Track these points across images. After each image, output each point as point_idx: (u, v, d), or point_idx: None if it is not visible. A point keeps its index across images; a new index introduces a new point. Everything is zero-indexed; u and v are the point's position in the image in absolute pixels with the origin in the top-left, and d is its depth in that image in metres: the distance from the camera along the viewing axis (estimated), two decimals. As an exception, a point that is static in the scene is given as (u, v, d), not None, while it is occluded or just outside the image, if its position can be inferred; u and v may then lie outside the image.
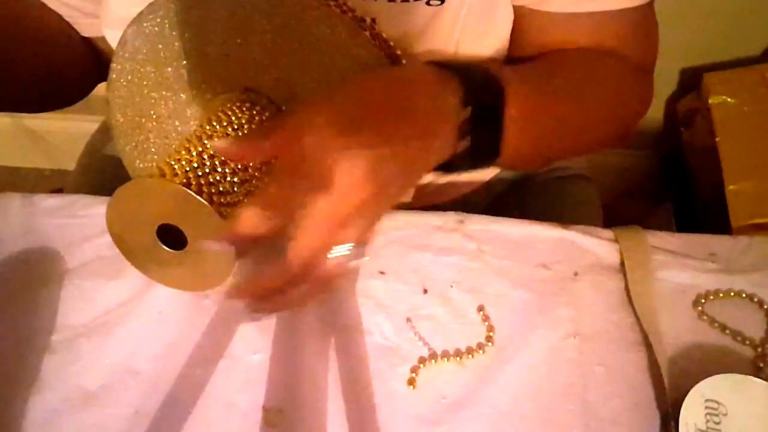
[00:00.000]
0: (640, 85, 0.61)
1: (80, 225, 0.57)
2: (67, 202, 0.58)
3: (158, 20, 0.52)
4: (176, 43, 0.52)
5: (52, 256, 0.56)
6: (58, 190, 0.75)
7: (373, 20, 0.51)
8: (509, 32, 0.58)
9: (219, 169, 0.47)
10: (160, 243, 0.47)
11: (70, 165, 0.82)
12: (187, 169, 0.47)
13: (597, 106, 0.57)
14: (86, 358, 0.52)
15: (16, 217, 0.58)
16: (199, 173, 0.46)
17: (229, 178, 0.47)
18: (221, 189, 0.46)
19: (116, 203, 0.46)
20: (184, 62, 0.53)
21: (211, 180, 0.46)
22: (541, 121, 0.52)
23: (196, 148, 0.48)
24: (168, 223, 0.46)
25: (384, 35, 0.51)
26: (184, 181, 0.45)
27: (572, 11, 0.54)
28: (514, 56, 0.61)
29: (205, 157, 0.48)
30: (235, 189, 0.47)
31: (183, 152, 0.48)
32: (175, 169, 0.47)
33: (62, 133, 1.34)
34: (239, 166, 0.48)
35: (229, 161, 0.47)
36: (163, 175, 0.45)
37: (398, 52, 0.52)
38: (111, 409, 0.50)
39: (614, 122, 0.60)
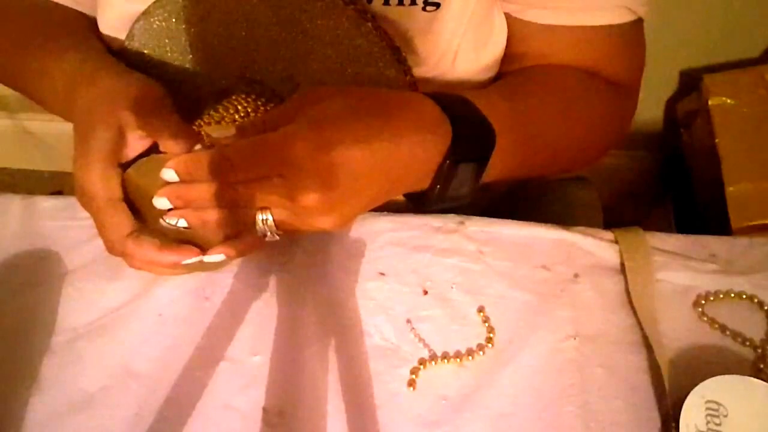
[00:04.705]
0: (621, 104, 0.61)
1: (80, 227, 0.56)
2: (66, 203, 0.58)
3: (166, 15, 0.52)
4: (183, 37, 0.53)
5: (52, 258, 0.56)
6: (58, 192, 0.75)
7: (373, 16, 0.51)
8: (505, 42, 0.58)
9: None
10: (166, 221, 0.47)
11: (70, 167, 0.82)
12: None
13: (575, 131, 0.58)
14: (86, 360, 0.52)
15: (16, 219, 0.58)
16: None
17: None
18: None
19: (130, 179, 0.47)
20: (190, 56, 0.53)
21: None
22: (522, 155, 0.53)
23: (208, 136, 0.49)
24: None
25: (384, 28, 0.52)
26: None
27: (551, 23, 0.55)
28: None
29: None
30: None
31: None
32: None
33: (62, 135, 1.33)
34: None
35: None
36: None
37: (398, 45, 0.52)
38: (111, 411, 0.50)
39: (591, 144, 0.61)
